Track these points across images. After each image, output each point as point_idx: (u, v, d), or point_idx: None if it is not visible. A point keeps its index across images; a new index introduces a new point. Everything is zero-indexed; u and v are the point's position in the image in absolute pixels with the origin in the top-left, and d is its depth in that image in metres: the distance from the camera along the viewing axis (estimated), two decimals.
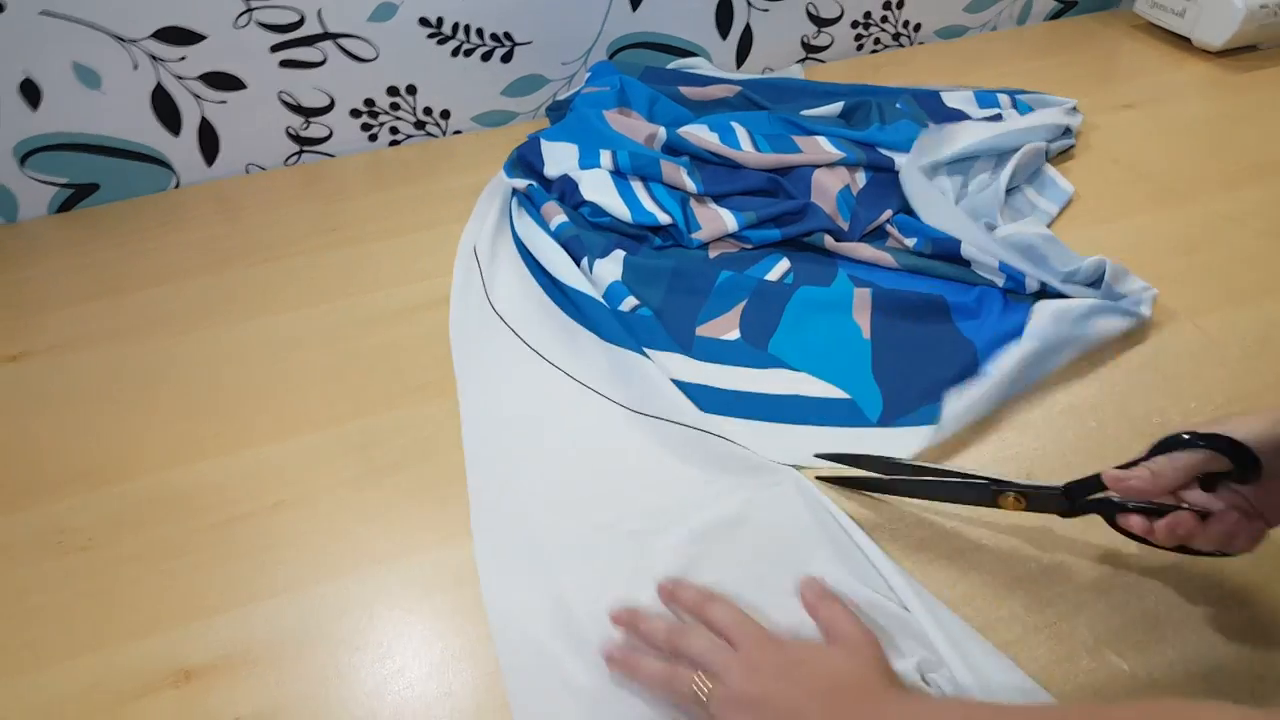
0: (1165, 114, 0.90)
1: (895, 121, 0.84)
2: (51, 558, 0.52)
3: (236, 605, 0.48)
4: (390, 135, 0.96)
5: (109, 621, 0.48)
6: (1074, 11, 1.17)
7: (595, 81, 0.91)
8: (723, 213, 0.74)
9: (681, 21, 0.99)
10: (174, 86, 0.85)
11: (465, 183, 0.87)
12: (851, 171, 0.78)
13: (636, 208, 0.73)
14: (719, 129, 0.82)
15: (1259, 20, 0.95)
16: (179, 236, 0.83)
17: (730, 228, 0.73)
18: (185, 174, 0.91)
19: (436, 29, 0.90)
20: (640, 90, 0.88)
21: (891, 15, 1.08)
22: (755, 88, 0.94)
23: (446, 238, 0.78)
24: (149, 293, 0.75)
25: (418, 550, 0.51)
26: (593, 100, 0.86)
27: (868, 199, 0.76)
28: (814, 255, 0.72)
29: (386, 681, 0.44)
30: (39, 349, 0.69)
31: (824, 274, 0.69)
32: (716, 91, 0.93)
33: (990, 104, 0.89)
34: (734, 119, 0.85)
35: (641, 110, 0.86)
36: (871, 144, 0.81)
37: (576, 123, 0.83)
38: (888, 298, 0.65)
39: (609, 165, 0.77)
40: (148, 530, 0.53)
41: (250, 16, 0.83)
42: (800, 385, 0.60)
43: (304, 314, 0.70)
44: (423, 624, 0.47)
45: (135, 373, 0.66)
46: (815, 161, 0.78)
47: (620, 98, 0.87)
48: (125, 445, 0.59)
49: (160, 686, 0.44)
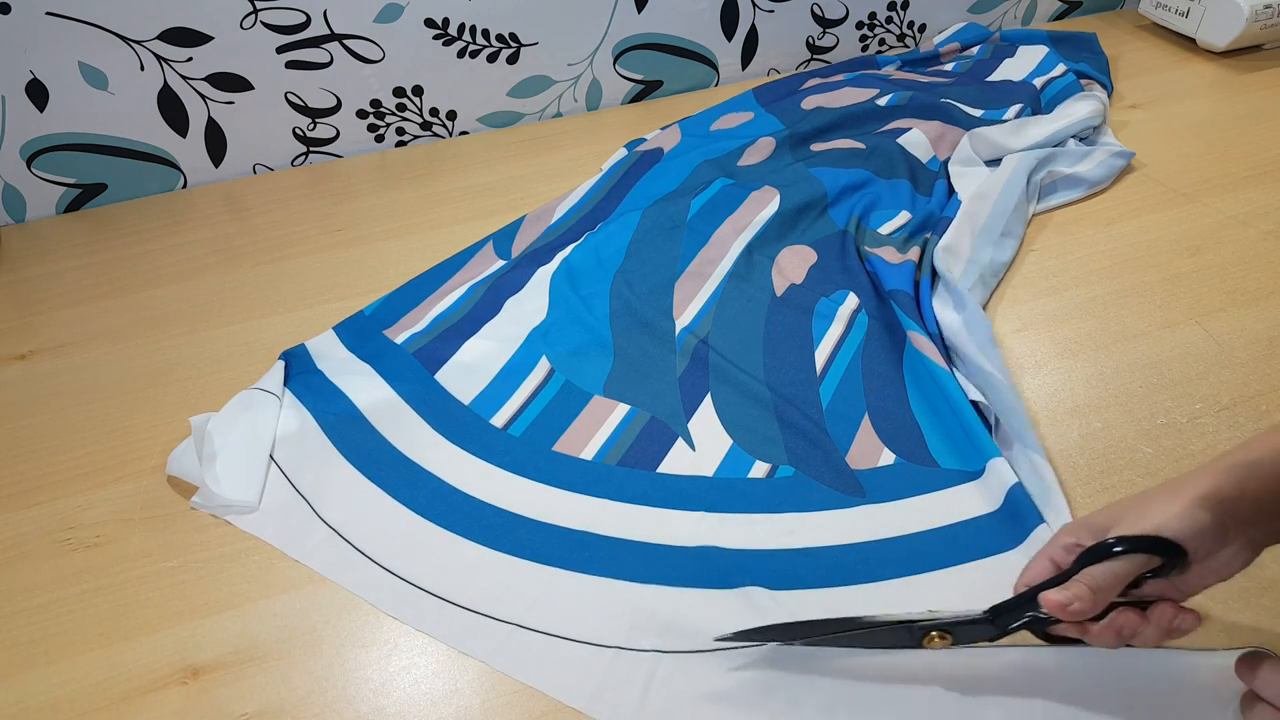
0: (1170, 115, 0.90)
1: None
2: (60, 554, 0.52)
3: (244, 602, 0.49)
4: (397, 136, 0.97)
5: (117, 618, 0.48)
6: (1078, 12, 1.17)
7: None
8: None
9: (687, 23, 1.00)
10: (181, 87, 0.86)
11: (472, 183, 0.88)
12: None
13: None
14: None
15: (1263, 21, 0.95)
16: (187, 236, 0.83)
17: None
18: (193, 174, 0.92)
19: (443, 30, 0.91)
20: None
21: (896, 16, 1.08)
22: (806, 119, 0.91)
23: (453, 238, 0.78)
24: (157, 292, 0.75)
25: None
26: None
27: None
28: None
29: (393, 678, 0.44)
30: (48, 347, 0.69)
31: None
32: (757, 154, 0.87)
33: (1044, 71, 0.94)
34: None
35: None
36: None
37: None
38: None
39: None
40: (156, 527, 0.53)
41: (256, 17, 0.84)
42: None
43: (312, 313, 0.71)
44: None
45: (143, 371, 0.66)
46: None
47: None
48: (134, 443, 0.60)
49: (168, 683, 0.45)
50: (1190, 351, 0.60)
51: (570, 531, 0.51)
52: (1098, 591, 0.36)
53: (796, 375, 0.61)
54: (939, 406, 0.56)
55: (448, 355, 0.64)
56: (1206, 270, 0.67)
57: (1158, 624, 0.38)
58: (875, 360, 0.61)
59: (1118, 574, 0.36)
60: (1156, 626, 0.38)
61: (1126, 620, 0.38)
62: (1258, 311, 0.63)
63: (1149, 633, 0.38)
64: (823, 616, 0.43)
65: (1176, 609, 0.38)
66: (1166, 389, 0.57)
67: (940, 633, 0.40)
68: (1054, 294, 0.67)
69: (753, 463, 0.55)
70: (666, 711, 0.42)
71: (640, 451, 0.56)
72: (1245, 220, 0.72)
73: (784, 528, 0.50)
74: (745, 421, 0.58)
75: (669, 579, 0.48)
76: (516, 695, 0.43)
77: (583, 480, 0.54)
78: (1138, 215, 0.75)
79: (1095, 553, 0.37)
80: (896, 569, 0.48)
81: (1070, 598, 0.37)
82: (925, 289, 0.66)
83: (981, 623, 0.40)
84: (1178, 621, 0.38)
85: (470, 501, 0.53)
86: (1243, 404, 0.56)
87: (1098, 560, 0.37)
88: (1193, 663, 0.42)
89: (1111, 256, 0.70)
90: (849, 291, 0.67)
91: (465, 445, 0.57)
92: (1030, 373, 0.60)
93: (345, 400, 0.61)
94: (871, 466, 0.54)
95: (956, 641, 0.41)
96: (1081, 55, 1.00)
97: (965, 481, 0.52)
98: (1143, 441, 0.54)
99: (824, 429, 0.56)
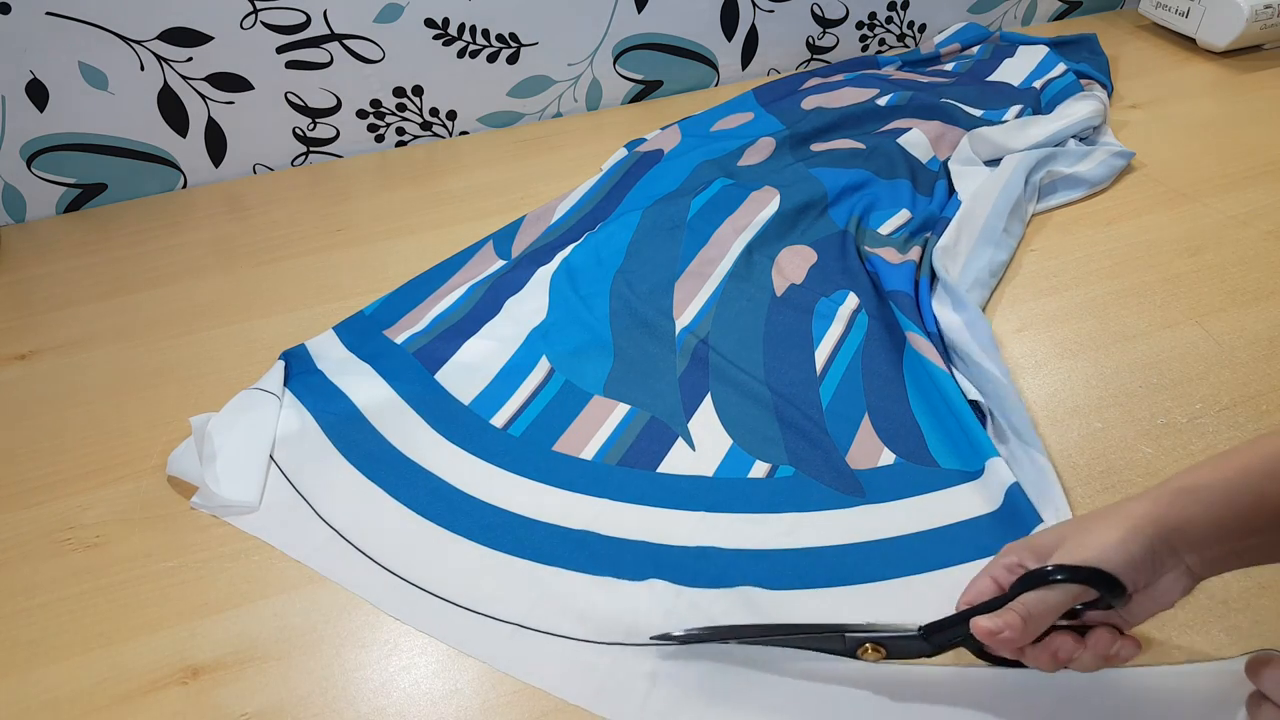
0: (1170, 115, 0.90)
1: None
2: (61, 554, 0.52)
3: (244, 602, 0.49)
4: (397, 136, 0.97)
5: (117, 618, 0.48)
6: (1078, 12, 1.17)
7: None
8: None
9: (687, 23, 1.00)
10: (181, 87, 0.86)
11: (472, 183, 0.88)
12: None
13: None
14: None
15: (1263, 21, 0.95)
16: (187, 236, 0.83)
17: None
18: (193, 174, 0.92)
19: (443, 30, 0.91)
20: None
21: (896, 16, 1.08)
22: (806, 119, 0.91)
23: (453, 238, 0.78)
24: (157, 292, 0.75)
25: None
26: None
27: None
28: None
29: (393, 678, 0.44)
30: (48, 347, 0.69)
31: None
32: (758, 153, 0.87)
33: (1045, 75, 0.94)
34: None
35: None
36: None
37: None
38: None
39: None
40: (156, 527, 0.53)
41: (256, 17, 0.84)
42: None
43: (312, 313, 0.71)
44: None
45: (143, 371, 0.66)
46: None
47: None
48: (134, 442, 0.60)
49: (168, 683, 0.45)
50: (1190, 351, 0.60)
51: (570, 531, 0.51)
52: (1029, 620, 0.36)
53: (796, 375, 0.61)
54: (938, 407, 0.56)
55: (448, 355, 0.64)
56: (1206, 270, 0.67)
57: (1094, 649, 0.37)
58: (875, 360, 0.61)
59: (1050, 603, 0.36)
60: (1094, 652, 0.37)
61: (1063, 644, 0.37)
62: (1258, 311, 0.63)
63: (1086, 658, 0.37)
64: (753, 622, 0.44)
65: (1115, 635, 0.37)
66: (1166, 389, 0.57)
67: (874, 645, 0.40)
68: (1054, 294, 0.67)
69: (753, 463, 0.55)
70: (670, 709, 0.42)
71: (640, 451, 0.56)
72: (1245, 220, 0.72)
73: (784, 528, 0.50)
74: (745, 421, 0.58)
75: (669, 579, 0.48)
76: (517, 695, 0.43)
77: (583, 480, 0.54)
78: (1138, 215, 0.75)
79: (1034, 578, 0.37)
80: (896, 569, 0.47)
81: (1001, 626, 0.36)
82: (925, 289, 0.66)
83: (915, 639, 0.39)
84: (1116, 648, 0.37)
85: (470, 501, 0.53)
86: (1243, 404, 0.56)
87: (1035, 586, 0.36)
88: (1191, 670, 0.41)
89: (1111, 256, 0.70)
90: (849, 291, 0.67)
91: (465, 445, 0.57)
92: (1030, 373, 0.60)
93: (345, 400, 0.61)
94: (871, 466, 0.54)
95: (890, 656, 0.40)
96: (1081, 55, 1.00)
97: (965, 481, 0.52)
98: (1143, 441, 0.54)
99: (824, 429, 0.56)
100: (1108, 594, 0.36)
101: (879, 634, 0.40)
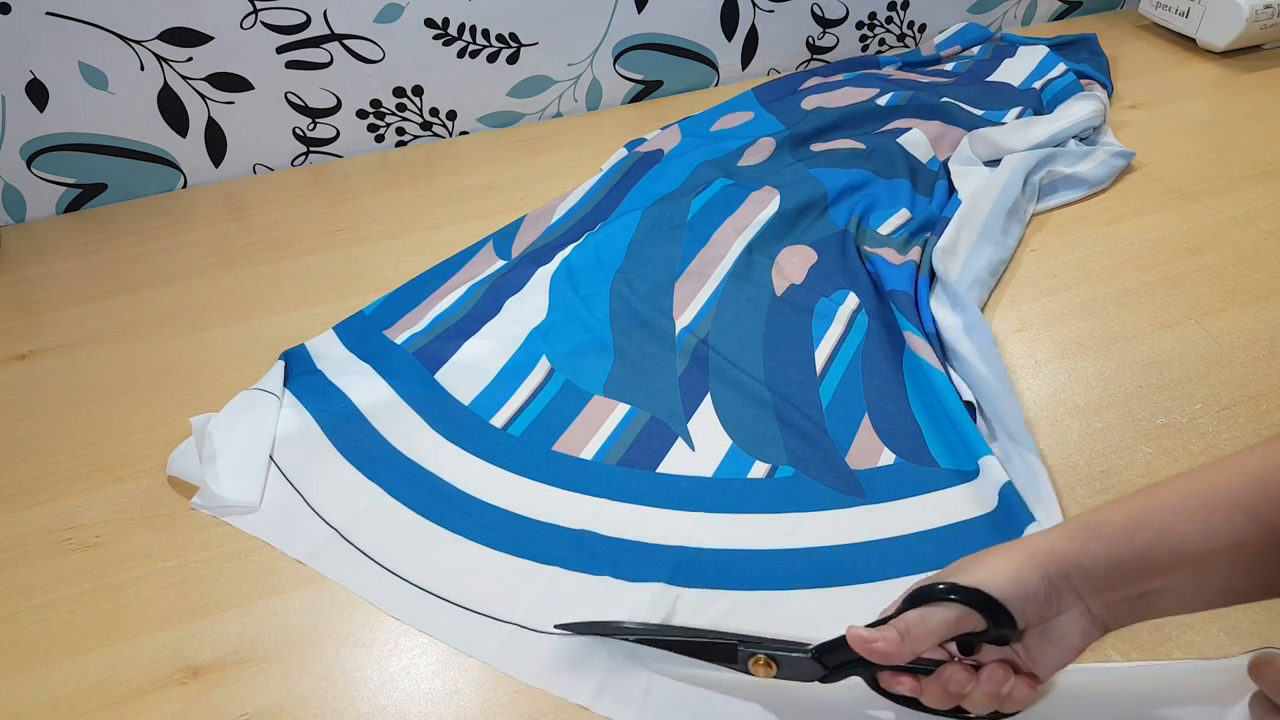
0: (1170, 114, 0.90)
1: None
2: (60, 554, 0.52)
3: (244, 602, 0.49)
4: (397, 136, 0.97)
5: (117, 618, 0.48)
6: (1078, 12, 1.17)
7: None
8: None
9: (687, 23, 1.00)
10: (181, 87, 0.86)
11: (472, 183, 0.88)
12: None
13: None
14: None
15: (1263, 21, 0.95)
16: (187, 236, 0.83)
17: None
18: (193, 174, 0.92)
19: (443, 30, 0.91)
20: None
21: (896, 16, 1.08)
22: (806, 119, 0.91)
23: (453, 238, 0.78)
24: (157, 292, 0.75)
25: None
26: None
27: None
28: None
29: (393, 678, 0.44)
30: (48, 347, 0.69)
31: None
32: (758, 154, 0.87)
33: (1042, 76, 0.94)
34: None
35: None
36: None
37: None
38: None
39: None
40: (156, 527, 0.53)
41: (256, 17, 0.84)
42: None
43: (312, 313, 0.71)
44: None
45: (143, 371, 0.66)
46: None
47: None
48: (133, 442, 0.60)
49: (167, 683, 0.45)
50: (1190, 351, 0.60)
51: (570, 531, 0.51)
52: (906, 636, 0.35)
53: (796, 375, 0.61)
54: (934, 408, 0.56)
55: (448, 355, 0.64)
56: (1206, 270, 0.67)
57: (985, 685, 0.35)
58: (875, 360, 0.61)
59: (930, 623, 0.35)
60: (984, 688, 0.35)
61: (955, 676, 0.36)
62: (1258, 311, 0.63)
63: (978, 694, 0.36)
64: (662, 623, 0.45)
65: (1008, 673, 0.36)
66: (1166, 389, 0.57)
67: (766, 659, 0.39)
68: (1054, 294, 0.67)
69: (752, 463, 0.55)
70: (670, 708, 0.42)
71: (640, 451, 0.56)
72: (1245, 220, 0.72)
73: (784, 528, 0.50)
74: (745, 421, 0.58)
75: (668, 579, 0.48)
76: (517, 695, 0.43)
77: (583, 480, 0.54)
78: (1138, 215, 0.75)
79: (920, 595, 0.36)
80: (896, 569, 0.47)
81: (875, 636, 0.35)
82: (924, 289, 0.66)
83: (806, 659, 0.39)
84: (1009, 687, 0.35)
85: (470, 501, 0.53)
86: (1242, 404, 0.56)
87: (921, 603, 0.36)
88: (1194, 668, 0.41)
89: (1111, 256, 0.70)
90: (849, 291, 0.67)
91: (465, 445, 0.57)
92: (1030, 373, 0.60)
93: (345, 400, 0.61)
94: (871, 466, 0.54)
95: (781, 674, 0.40)
96: (1081, 56, 1.00)
97: (965, 481, 0.52)
98: (1143, 441, 0.54)
99: (824, 429, 0.56)
100: (995, 623, 0.35)
101: (771, 650, 0.39)
